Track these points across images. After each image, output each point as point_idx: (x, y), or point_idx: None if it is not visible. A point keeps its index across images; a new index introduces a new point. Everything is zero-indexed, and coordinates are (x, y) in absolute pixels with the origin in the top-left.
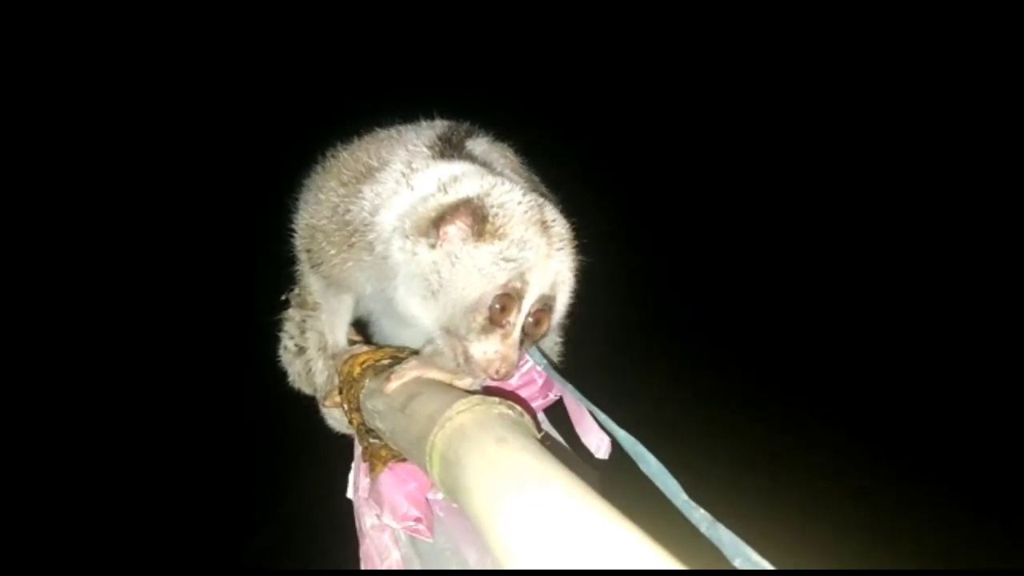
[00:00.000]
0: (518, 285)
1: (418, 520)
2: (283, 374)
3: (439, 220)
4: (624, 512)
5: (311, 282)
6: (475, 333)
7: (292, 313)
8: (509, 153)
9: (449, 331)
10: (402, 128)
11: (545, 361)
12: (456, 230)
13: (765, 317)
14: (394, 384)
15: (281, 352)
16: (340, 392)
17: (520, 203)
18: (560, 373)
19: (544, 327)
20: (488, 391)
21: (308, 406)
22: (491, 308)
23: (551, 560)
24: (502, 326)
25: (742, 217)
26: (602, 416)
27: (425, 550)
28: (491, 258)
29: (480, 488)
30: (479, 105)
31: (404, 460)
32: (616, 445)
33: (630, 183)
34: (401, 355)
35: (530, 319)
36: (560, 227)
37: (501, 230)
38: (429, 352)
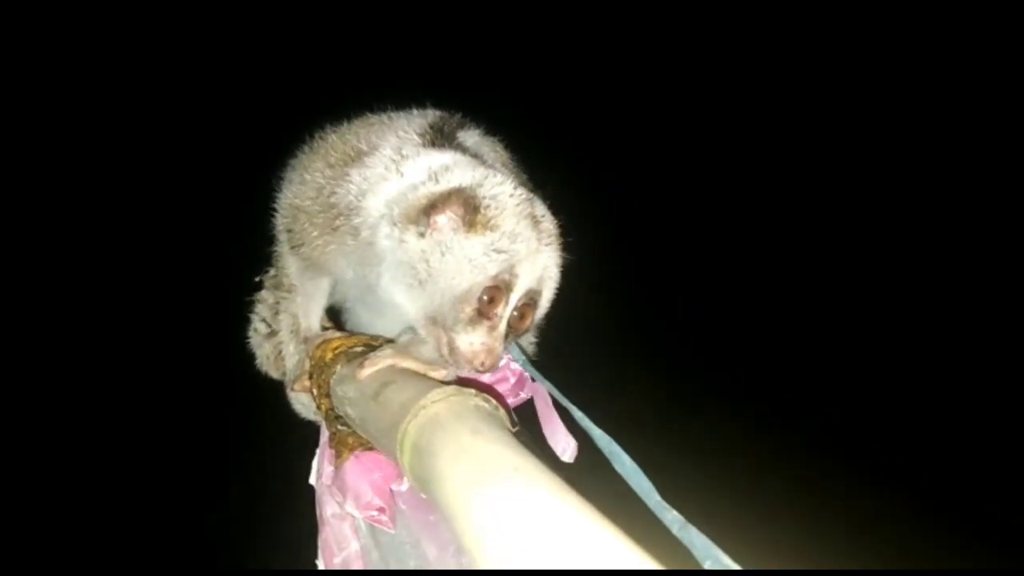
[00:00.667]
0: (507, 278)
1: (381, 510)
2: (251, 356)
3: (430, 209)
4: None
5: (289, 263)
6: (462, 324)
7: (265, 295)
8: (499, 147)
9: (435, 321)
10: (393, 115)
11: (524, 358)
12: (447, 220)
13: (745, 320)
14: (367, 371)
15: (251, 334)
16: (310, 377)
17: (512, 195)
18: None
19: (528, 321)
20: (461, 383)
21: (274, 390)
22: (480, 300)
23: (524, 553)
24: (489, 318)
25: (726, 220)
26: (578, 413)
27: (384, 542)
28: (482, 249)
29: (453, 478)
30: (467, 102)
31: (371, 449)
32: (585, 448)
33: (616, 185)
34: (375, 343)
35: (515, 313)
36: (549, 223)
37: (493, 221)
38: (405, 341)
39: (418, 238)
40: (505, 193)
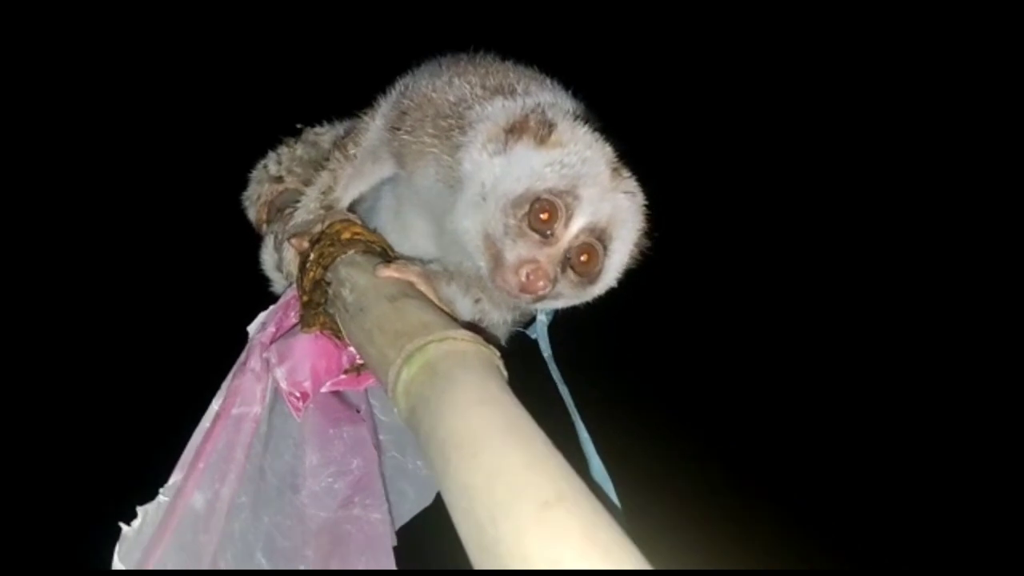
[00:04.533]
0: (569, 199)
1: (304, 396)
2: (243, 185)
3: (509, 129)
4: None
5: (370, 138)
6: (513, 234)
7: (296, 145)
8: None
9: (489, 235)
10: (555, 83)
11: (547, 345)
12: (523, 140)
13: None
14: (392, 273)
15: (258, 168)
16: (314, 242)
17: (593, 133)
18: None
19: (594, 265)
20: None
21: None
22: (532, 207)
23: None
24: (543, 235)
25: (725, 222)
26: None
27: (275, 425)
28: (546, 161)
29: (470, 416)
30: None
31: (337, 336)
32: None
33: None
34: (391, 253)
35: (582, 257)
36: (634, 183)
37: (564, 140)
38: (432, 268)
39: (492, 156)
40: (587, 129)
